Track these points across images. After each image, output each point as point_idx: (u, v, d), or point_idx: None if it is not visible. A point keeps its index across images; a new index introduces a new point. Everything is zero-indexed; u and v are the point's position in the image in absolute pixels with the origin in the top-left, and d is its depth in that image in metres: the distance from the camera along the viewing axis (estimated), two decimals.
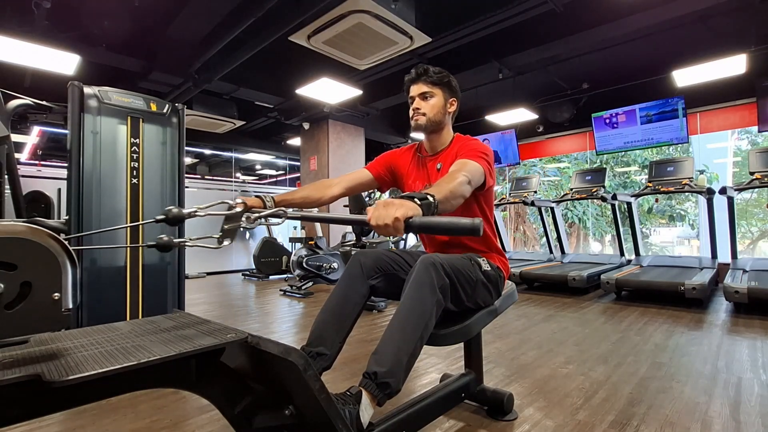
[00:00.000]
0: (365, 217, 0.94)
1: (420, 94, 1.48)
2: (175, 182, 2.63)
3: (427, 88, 1.47)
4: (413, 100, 1.49)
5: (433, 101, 1.47)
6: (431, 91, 1.47)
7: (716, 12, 3.68)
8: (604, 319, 3.17)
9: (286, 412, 0.96)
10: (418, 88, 1.48)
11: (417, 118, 1.48)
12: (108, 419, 1.59)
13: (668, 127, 4.91)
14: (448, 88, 1.50)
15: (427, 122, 1.48)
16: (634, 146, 5.29)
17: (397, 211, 0.88)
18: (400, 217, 0.88)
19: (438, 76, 1.46)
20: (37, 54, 3.54)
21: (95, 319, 2.25)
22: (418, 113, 1.47)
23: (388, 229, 0.89)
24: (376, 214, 0.91)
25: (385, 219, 0.89)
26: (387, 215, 0.89)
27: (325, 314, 1.34)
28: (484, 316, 1.41)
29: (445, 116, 1.50)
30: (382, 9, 3.21)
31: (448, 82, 1.49)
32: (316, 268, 4.53)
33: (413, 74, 1.48)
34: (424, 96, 1.48)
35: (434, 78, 1.46)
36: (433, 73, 1.46)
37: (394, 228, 0.89)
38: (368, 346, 2.50)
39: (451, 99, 1.52)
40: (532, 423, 1.51)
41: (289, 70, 5.07)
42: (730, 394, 1.74)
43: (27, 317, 0.67)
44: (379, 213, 0.90)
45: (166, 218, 0.98)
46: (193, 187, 6.78)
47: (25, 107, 2.27)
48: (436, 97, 1.48)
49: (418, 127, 1.49)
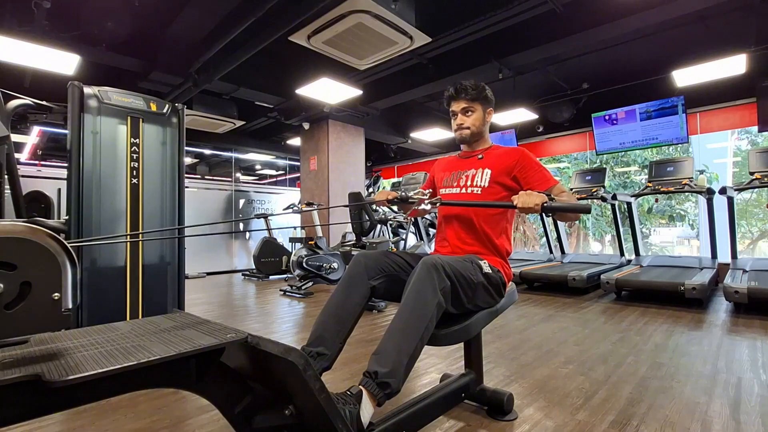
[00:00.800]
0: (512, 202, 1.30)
1: (462, 110, 1.61)
2: (175, 182, 2.63)
3: (467, 104, 1.60)
4: (455, 115, 1.64)
5: (474, 116, 1.62)
6: (471, 107, 1.61)
7: (716, 12, 3.68)
8: (604, 319, 3.17)
9: (286, 412, 0.96)
10: (458, 104, 1.61)
11: (462, 133, 1.63)
12: (108, 419, 1.59)
13: (668, 123, 4.89)
14: (486, 100, 1.63)
15: (471, 135, 1.63)
16: (634, 146, 5.28)
17: (537, 198, 1.27)
18: (539, 202, 1.26)
19: (475, 92, 1.59)
20: (37, 54, 3.54)
21: (95, 319, 2.25)
22: (462, 128, 1.62)
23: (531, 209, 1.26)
24: (522, 199, 1.28)
25: (529, 203, 1.26)
26: (530, 200, 1.27)
27: (326, 314, 1.34)
28: (484, 317, 1.41)
29: (485, 125, 1.66)
30: (382, 9, 3.21)
31: (485, 96, 1.62)
32: (316, 268, 4.53)
33: (452, 92, 1.62)
34: (465, 111, 1.61)
35: (473, 94, 1.59)
36: (471, 89, 1.59)
37: (534, 209, 1.26)
38: (368, 346, 2.50)
39: (489, 109, 1.66)
40: (532, 423, 1.51)
41: (289, 70, 5.07)
42: (730, 394, 1.74)
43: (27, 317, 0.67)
44: (525, 199, 1.28)
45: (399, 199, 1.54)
46: (193, 187, 6.77)
47: (25, 107, 2.27)
48: (476, 112, 1.62)
49: (463, 140, 1.66)
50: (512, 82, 5.04)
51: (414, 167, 8.80)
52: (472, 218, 1.53)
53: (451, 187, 1.65)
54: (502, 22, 3.61)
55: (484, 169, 1.57)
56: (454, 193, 1.62)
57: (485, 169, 1.57)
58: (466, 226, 1.55)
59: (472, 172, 1.60)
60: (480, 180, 1.56)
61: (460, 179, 1.62)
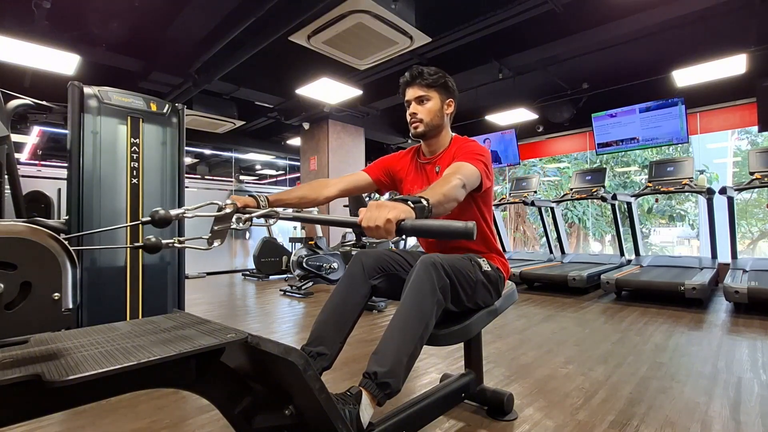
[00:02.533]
0: (357, 219, 0.92)
1: (416, 98, 1.44)
2: (175, 182, 2.63)
3: (422, 92, 1.43)
4: (409, 104, 1.46)
5: (429, 105, 1.43)
6: (427, 95, 1.43)
7: (716, 12, 3.67)
8: (604, 319, 3.17)
9: (286, 412, 0.96)
10: (413, 91, 1.44)
11: (415, 125, 1.45)
12: (108, 419, 1.59)
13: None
14: (445, 89, 1.46)
15: (426, 128, 1.45)
16: (633, 144, 5.27)
17: (389, 213, 0.87)
18: (392, 219, 0.86)
19: (433, 78, 1.42)
20: (37, 54, 3.53)
21: (95, 319, 2.25)
22: (416, 119, 1.44)
23: (379, 231, 0.87)
24: (368, 215, 0.89)
25: (376, 221, 0.87)
26: (378, 217, 0.87)
27: (326, 314, 1.34)
28: (484, 316, 1.41)
29: (443, 119, 1.47)
30: (382, 9, 3.21)
31: (444, 83, 1.45)
32: (316, 268, 4.53)
33: (407, 77, 1.45)
34: (420, 100, 1.44)
35: (429, 80, 1.42)
36: (428, 75, 1.42)
37: (385, 230, 0.87)
38: (368, 346, 2.50)
39: (448, 100, 1.48)
40: (532, 423, 1.51)
41: (289, 70, 5.07)
42: (730, 394, 1.74)
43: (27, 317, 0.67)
44: (371, 214, 0.88)
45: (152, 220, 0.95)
46: (193, 187, 6.77)
47: (25, 107, 2.26)
48: (432, 101, 1.44)
49: (416, 135, 1.47)
50: (512, 82, 5.04)
51: None
52: None
53: None
54: (502, 22, 3.61)
55: None
56: None
57: None
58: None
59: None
60: None
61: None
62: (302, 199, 1.48)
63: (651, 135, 5.06)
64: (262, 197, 1.31)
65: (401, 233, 0.88)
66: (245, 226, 1.11)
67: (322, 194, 1.52)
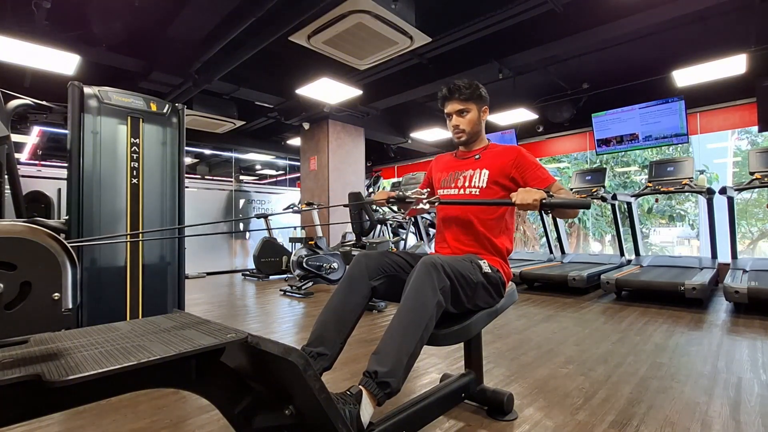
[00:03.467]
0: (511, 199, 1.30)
1: (457, 112, 1.58)
2: (175, 182, 2.63)
3: (461, 105, 1.56)
4: (450, 117, 1.60)
5: (469, 116, 1.58)
6: (466, 107, 1.56)
7: (716, 12, 3.68)
8: (604, 319, 3.17)
9: (286, 412, 0.96)
10: (453, 106, 1.57)
11: (459, 136, 1.60)
12: (108, 419, 1.59)
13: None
14: (480, 99, 1.58)
15: (468, 137, 1.60)
16: (634, 143, 5.27)
17: (536, 194, 1.26)
18: (538, 198, 1.25)
19: (469, 92, 1.55)
20: (37, 54, 3.53)
21: (95, 319, 2.25)
22: (458, 130, 1.59)
23: (529, 205, 1.26)
24: (521, 196, 1.27)
25: (527, 199, 1.26)
26: (529, 197, 1.26)
27: (327, 314, 1.34)
28: (484, 317, 1.41)
29: (481, 125, 1.62)
30: (382, 9, 3.20)
31: (479, 94, 1.57)
32: (316, 268, 4.53)
33: (446, 92, 1.57)
34: (460, 113, 1.57)
35: (466, 94, 1.55)
36: (464, 89, 1.54)
37: (532, 205, 1.26)
38: (368, 346, 2.50)
39: (484, 108, 1.62)
40: (532, 423, 1.51)
41: (289, 70, 5.07)
42: (730, 394, 1.74)
43: (27, 317, 0.67)
44: (524, 196, 1.27)
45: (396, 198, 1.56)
46: (193, 187, 6.77)
47: (25, 107, 2.27)
48: (471, 112, 1.57)
49: (460, 143, 1.64)
50: (512, 82, 5.04)
51: (414, 167, 8.80)
52: (471, 219, 1.52)
53: (449, 188, 1.63)
54: (502, 22, 3.61)
55: (481, 170, 1.56)
56: (452, 194, 1.61)
57: (483, 170, 1.56)
58: (464, 228, 1.55)
59: (470, 173, 1.58)
60: (478, 181, 1.55)
61: (458, 180, 1.61)
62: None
63: (650, 131, 5.05)
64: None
65: (544, 207, 1.27)
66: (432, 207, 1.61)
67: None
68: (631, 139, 5.24)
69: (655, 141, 5.09)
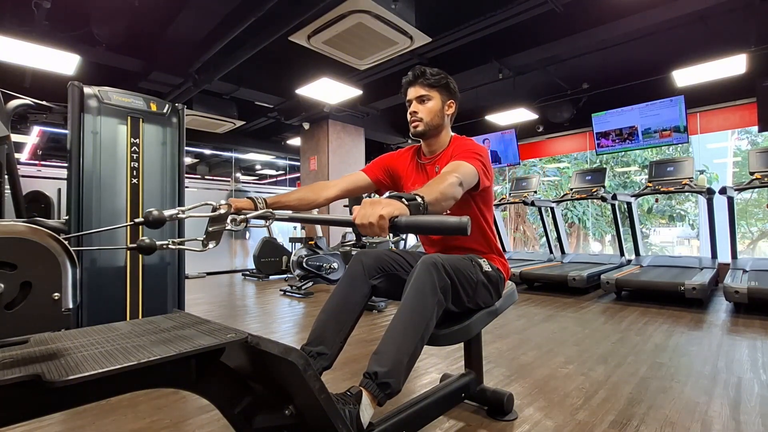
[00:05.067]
0: (351, 217, 0.92)
1: (417, 98, 1.45)
2: (175, 182, 2.63)
3: (424, 92, 1.44)
4: (410, 103, 1.47)
5: (430, 104, 1.44)
6: (428, 95, 1.44)
7: (716, 12, 3.68)
8: (604, 319, 3.17)
9: (286, 412, 0.96)
10: (415, 91, 1.45)
11: (415, 125, 1.45)
12: (108, 419, 1.59)
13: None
14: (446, 89, 1.47)
15: (425, 128, 1.45)
16: (634, 142, 5.27)
17: (382, 210, 0.86)
18: (385, 216, 0.86)
19: (435, 78, 1.43)
20: (37, 54, 3.53)
21: (95, 319, 2.25)
22: (416, 118, 1.45)
23: (372, 228, 0.87)
24: (362, 212, 0.89)
25: (369, 218, 0.87)
26: (372, 214, 0.86)
27: (326, 314, 1.34)
28: (484, 317, 1.41)
29: (443, 119, 1.47)
30: (382, 9, 3.20)
31: (446, 84, 1.46)
32: (316, 268, 4.53)
33: (410, 76, 1.46)
34: (421, 99, 1.44)
35: (431, 80, 1.43)
36: (430, 75, 1.43)
37: (378, 227, 0.86)
38: (368, 346, 2.50)
39: (449, 101, 1.49)
40: (532, 423, 1.51)
41: (289, 70, 5.07)
42: (730, 394, 1.74)
43: (27, 317, 0.67)
44: (365, 212, 0.88)
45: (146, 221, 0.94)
46: (193, 187, 6.77)
47: (25, 107, 2.26)
48: (433, 101, 1.44)
49: (416, 134, 1.47)
50: (512, 82, 5.04)
51: None
52: None
53: None
54: (502, 22, 3.61)
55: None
56: None
57: None
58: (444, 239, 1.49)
59: None
60: None
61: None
62: (301, 200, 1.48)
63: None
64: (259, 199, 1.31)
65: (395, 230, 0.88)
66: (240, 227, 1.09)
67: (322, 195, 1.52)
68: (630, 132, 5.22)
69: (655, 134, 5.06)
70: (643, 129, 5.12)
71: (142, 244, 0.94)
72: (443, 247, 1.51)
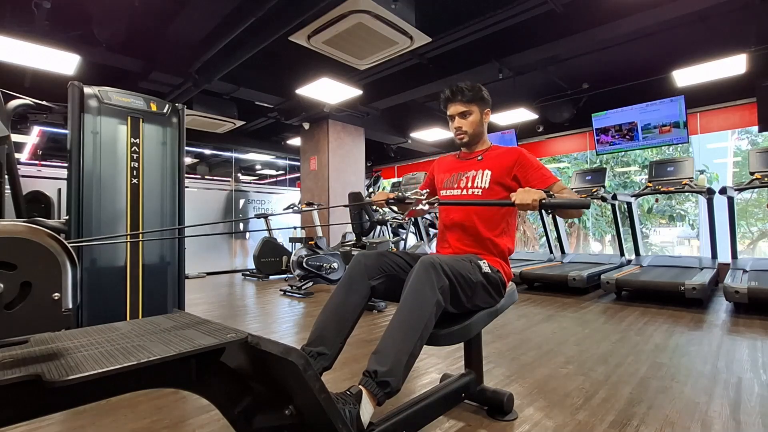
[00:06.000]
0: (510, 200, 1.28)
1: (459, 114, 1.59)
2: (175, 182, 2.63)
3: (464, 107, 1.57)
4: (453, 119, 1.61)
5: (471, 118, 1.59)
6: (469, 109, 1.58)
7: (716, 12, 3.68)
8: (604, 319, 3.17)
9: (286, 412, 0.96)
10: (455, 108, 1.58)
11: (461, 137, 1.62)
12: (108, 419, 1.59)
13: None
14: (482, 101, 1.60)
15: (470, 139, 1.61)
16: (633, 142, 5.26)
17: (535, 195, 1.24)
18: (538, 198, 1.23)
19: (471, 94, 1.56)
20: (37, 54, 3.53)
21: (95, 319, 2.25)
22: (461, 132, 1.60)
23: (529, 205, 1.24)
24: (521, 196, 1.26)
25: (526, 199, 1.24)
26: (528, 197, 1.24)
27: (326, 314, 1.34)
28: (484, 317, 1.41)
29: (483, 126, 1.63)
30: (382, 9, 3.20)
31: (482, 96, 1.59)
32: (316, 268, 4.53)
33: (448, 94, 1.58)
34: (463, 115, 1.58)
35: (469, 96, 1.56)
36: (467, 91, 1.56)
37: (532, 206, 1.24)
38: (368, 346, 2.50)
39: (486, 110, 1.62)
40: (532, 423, 1.51)
41: (289, 70, 5.07)
42: (730, 394, 1.74)
43: (27, 317, 0.67)
44: (523, 196, 1.25)
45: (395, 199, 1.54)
46: (193, 187, 6.77)
47: (25, 107, 2.27)
48: (474, 114, 1.59)
49: (463, 145, 1.65)
50: (512, 82, 5.04)
51: (414, 167, 8.80)
52: (473, 220, 1.53)
53: (451, 188, 1.64)
54: (502, 22, 3.61)
55: (484, 171, 1.57)
56: (455, 194, 1.62)
57: (485, 171, 1.56)
58: (466, 228, 1.55)
59: (473, 174, 1.59)
60: (480, 181, 1.56)
61: (461, 181, 1.61)
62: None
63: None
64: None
65: (544, 207, 1.25)
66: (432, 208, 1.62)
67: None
68: (629, 129, 5.21)
69: (654, 130, 5.04)
70: (643, 125, 5.11)
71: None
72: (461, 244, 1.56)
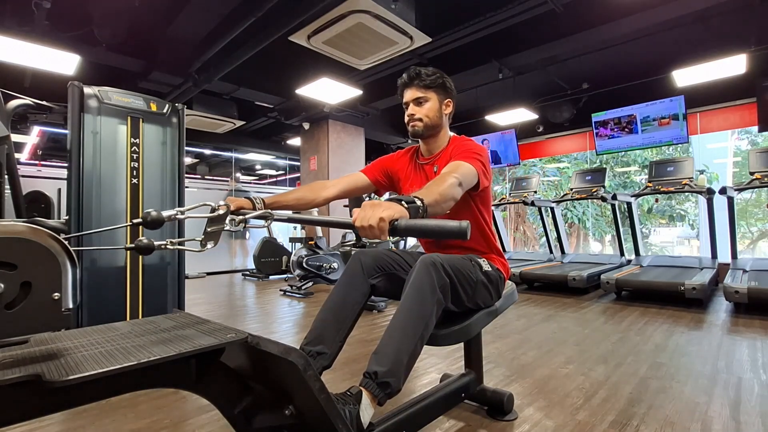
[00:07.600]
0: (350, 219, 0.92)
1: (414, 100, 1.44)
2: (175, 182, 2.63)
3: (420, 93, 1.43)
4: (407, 105, 1.46)
5: (428, 106, 1.44)
6: (425, 96, 1.43)
7: (716, 12, 3.68)
8: (604, 319, 3.17)
9: (286, 412, 0.96)
10: (411, 93, 1.44)
11: (414, 125, 1.45)
12: (108, 419, 1.59)
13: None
14: (443, 89, 1.46)
15: (424, 128, 1.45)
16: (634, 143, 5.26)
17: (383, 213, 0.87)
18: (386, 219, 0.86)
19: (431, 79, 1.42)
20: (37, 54, 3.53)
21: (95, 319, 2.25)
22: (414, 119, 1.44)
23: (372, 231, 0.87)
24: (362, 215, 0.89)
25: (369, 220, 0.87)
26: (372, 216, 0.87)
27: (325, 313, 1.34)
28: (484, 317, 1.41)
29: (441, 119, 1.47)
30: (382, 9, 3.20)
31: (443, 83, 1.45)
32: (316, 268, 4.53)
33: (405, 78, 1.45)
34: (418, 101, 1.44)
35: (427, 81, 1.42)
36: (425, 75, 1.42)
37: (378, 230, 0.87)
38: (368, 346, 2.50)
39: (447, 100, 1.48)
40: (532, 423, 1.51)
41: (289, 70, 5.07)
42: (730, 394, 1.74)
43: (27, 317, 0.67)
44: (365, 214, 0.88)
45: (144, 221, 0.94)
46: (193, 187, 6.77)
47: (25, 107, 2.27)
48: (430, 102, 1.44)
49: (414, 134, 1.47)
50: (512, 82, 5.04)
51: None
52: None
53: None
54: (502, 22, 3.61)
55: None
56: None
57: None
58: None
59: None
60: None
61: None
62: (300, 200, 1.48)
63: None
64: (258, 199, 1.30)
65: (395, 233, 0.88)
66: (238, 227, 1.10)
67: (321, 196, 1.52)
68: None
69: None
70: (642, 117, 5.10)
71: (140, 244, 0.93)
72: (443, 247, 1.51)
